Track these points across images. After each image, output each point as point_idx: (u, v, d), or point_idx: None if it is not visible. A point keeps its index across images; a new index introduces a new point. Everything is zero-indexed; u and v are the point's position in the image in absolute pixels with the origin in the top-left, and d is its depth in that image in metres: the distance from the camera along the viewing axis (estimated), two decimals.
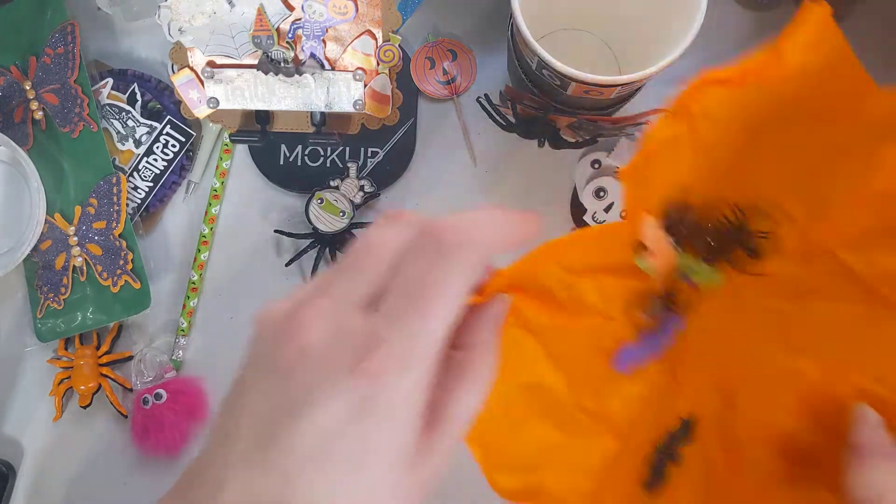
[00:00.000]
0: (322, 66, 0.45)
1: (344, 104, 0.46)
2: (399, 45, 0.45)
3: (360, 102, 0.46)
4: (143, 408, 0.55)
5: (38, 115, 0.57)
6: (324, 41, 0.45)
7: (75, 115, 0.56)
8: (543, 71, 0.46)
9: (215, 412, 0.26)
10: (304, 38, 0.44)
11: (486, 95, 0.52)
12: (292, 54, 0.45)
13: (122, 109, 0.57)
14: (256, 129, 0.50)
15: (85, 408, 0.56)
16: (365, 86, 0.46)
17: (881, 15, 0.57)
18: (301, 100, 0.46)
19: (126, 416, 0.57)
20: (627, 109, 0.56)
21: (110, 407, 0.56)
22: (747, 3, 0.58)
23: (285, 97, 0.46)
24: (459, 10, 0.60)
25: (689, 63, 0.58)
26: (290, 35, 0.44)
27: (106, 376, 0.56)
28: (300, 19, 0.44)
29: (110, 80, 0.57)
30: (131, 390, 0.57)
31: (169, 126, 0.57)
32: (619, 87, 0.45)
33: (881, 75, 0.56)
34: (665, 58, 0.42)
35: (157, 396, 0.55)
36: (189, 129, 0.57)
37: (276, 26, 0.44)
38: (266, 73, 0.45)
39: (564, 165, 0.58)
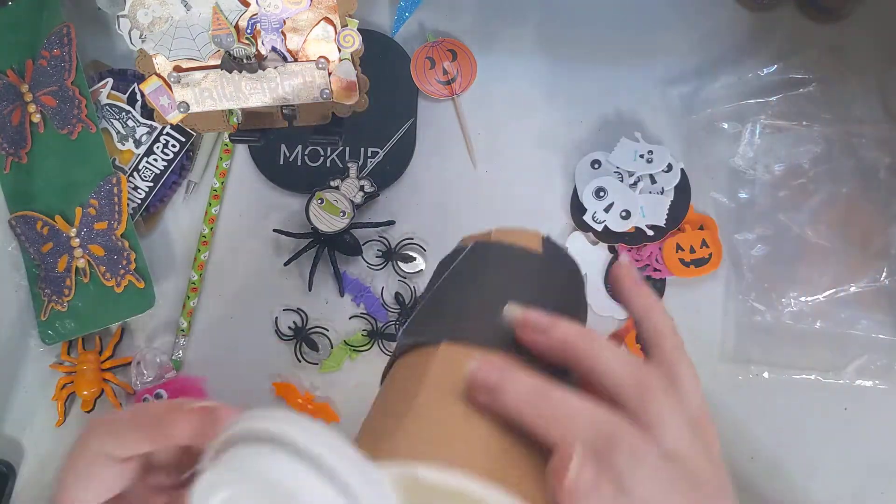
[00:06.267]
0: (284, 59, 0.45)
1: (311, 94, 0.46)
2: (358, 29, 0.44)
3: (328, 91, 0.46)
4: None
5: (37, 117, 0.57)
6: (283, 33, 0.44)
7: (73, 116, 0.56)
8: None
9: None
10: (262, 32, 0.44)
11: None
12: (254, 50, 0.44)
13: (121, 109, 0.57)
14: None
15: (88, 412, 0.56)
16: (329, 74, 0.45)
17: (881, 15, 0.57)
18: (268, 95, 0.46)
19: None
20: None
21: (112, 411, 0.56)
22: (747, 3, 0.58)
23: (253, 94, 0.46)
24: (459, 9, 0.59)
25: (690, 63, 0.59)
26: (248, 31, 0.44)
27: (108, 381, 0.56)
28: (256, 14, 0.43)
29: (110, 81, 0.57)
30: (133, 394, 0.57)
31: (169, 126, 0.57)
32: None
33: (881, 75, 0.57)
34: None
35: (158, 397, 0.55)
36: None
37: (233, 23, 0.43)
38: (230, 72, 0.45)
39: (564, 165, 0.58)
